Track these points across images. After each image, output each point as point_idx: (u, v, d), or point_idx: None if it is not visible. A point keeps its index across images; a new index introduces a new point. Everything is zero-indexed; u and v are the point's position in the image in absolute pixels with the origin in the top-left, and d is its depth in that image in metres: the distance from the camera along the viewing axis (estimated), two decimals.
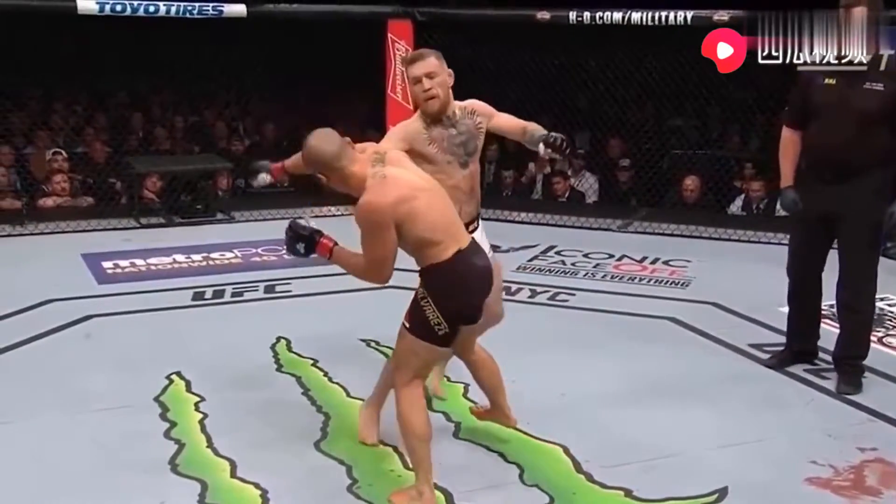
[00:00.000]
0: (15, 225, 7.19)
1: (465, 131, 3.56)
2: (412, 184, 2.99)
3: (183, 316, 5.27)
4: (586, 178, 8.53)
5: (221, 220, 7.73)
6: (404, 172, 3.03)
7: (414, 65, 3.49)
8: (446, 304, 3.01)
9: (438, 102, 3.46)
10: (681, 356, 4.66)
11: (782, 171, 4.32)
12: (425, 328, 3.02)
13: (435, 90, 3.45)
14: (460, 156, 3.55)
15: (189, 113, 10.14)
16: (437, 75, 3.45)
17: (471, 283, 3.06)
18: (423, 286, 3.04)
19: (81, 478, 3.36)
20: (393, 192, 2.90)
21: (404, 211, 2.91)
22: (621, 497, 3.25)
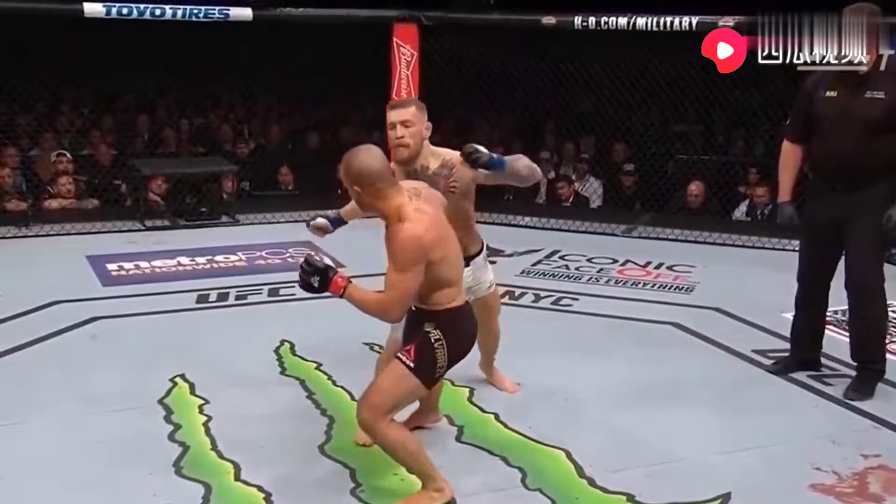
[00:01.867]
0: (20, 226, 7.21)
1: (430, 184, 3.40)
2: (439, 220, 3.02)
3: (187, 318, 5.28)
4: (591, 182, 8.54)
5: (226, 223, 7.74)
6: (437, 211, 3.04)
7: (393, 111, 3.52)
8: (456, 350, 3.03)
9: (406, 152, 3.48)
10: (684, 361, 4.66)
11: (781, 185, 4.34)
12: (430, 370, 3.00)
13: (406, 139, 3.46)
14: None
15: (195, 115, 10.16)
16: (412, 125, 3.46)
17: (473, 333, 3.15)
18: (437, 328, 3.00)
19: (86, 479, 3.37)
20: (434, 229, 2.92)
21: (439, 251, 2.93)
22: (623, 502, 3.26)
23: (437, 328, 2.99)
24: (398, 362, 3.02)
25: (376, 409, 3.01)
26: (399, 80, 7.50)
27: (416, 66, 7.51)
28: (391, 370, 3.07)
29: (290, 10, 7.48)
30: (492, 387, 4.22)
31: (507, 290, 5.83)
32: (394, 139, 3.48)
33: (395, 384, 3.03)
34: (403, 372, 3.00)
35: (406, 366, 3.00)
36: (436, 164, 3.54)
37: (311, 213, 4.11)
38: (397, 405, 3.07)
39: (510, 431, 3.79)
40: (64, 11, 7.18)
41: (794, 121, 4.31)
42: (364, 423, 3.07)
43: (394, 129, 3.47)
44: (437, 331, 2.99)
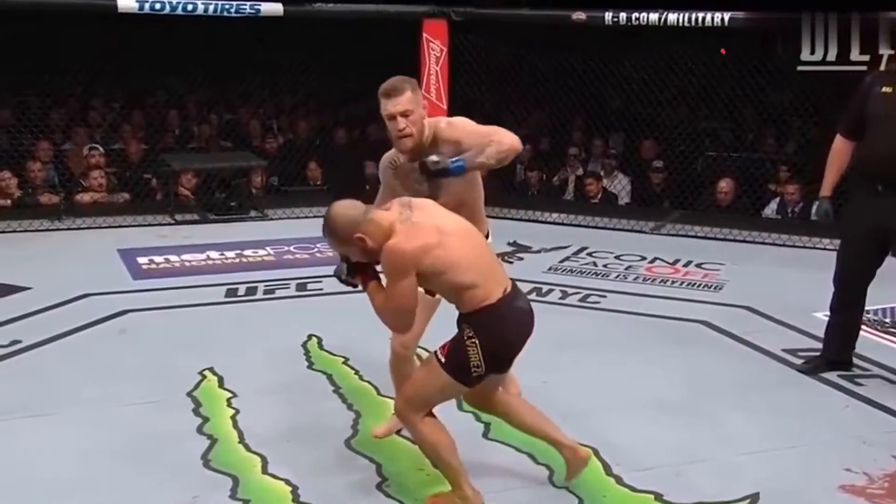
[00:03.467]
0: (53, 220, 7.30)
1: None
2: (441, 228, 2.90)
3: (216, 312, 5.32)
4: (619, 179, 8.49)
5: (255, 218, 7.79)
6: (432, 218, 2.93)
7: (388, 99, 3.26)
8: (491, 348, 2.93)
9: (412, 142, 3.28)
10: (713, 360, 4.63)
11: (825, 179, 4.25)
12: (463, 368, 2.93)
13: (409, 129, 3.26)
14: (420, 192, 3.31)
15: (224, 111, 10.21)
16: (411, 113, 3.25)
17: (517, 328, 3.00)
18: (470, 327, 2.93)
19: (114, 471, 3.40)
20: (420, 238, 2.83)
21: (429, 262, 2.83)
22: (651, 501, 3.24)
23: (469, 327, 2.93)
24: (433, 358, 3.00)
25: (409, 401, 3.03)
26: (428, 75, 7.50)
27: (446, 61, 7.51)
28: (426, 364, 3.06)
29: (320, 6, 7.50)
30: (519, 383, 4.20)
31: (534, 286, 5.82)
32: (395, 132, 3.28)
33: (427, 379, 3.02)
34: (435, 367, 2.97)
35: (438, 361, 2.97)
36: (440, 141, 3.33)
37: None
38: (430, 400, 3.02)
39: None
40: (98, 7, 7.25)
41: (849, 116, 4.22)
42: (398, 413, 3.12)
43: (394, 121, 3.26)
44: (468, 329, 2.93)
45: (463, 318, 2.96)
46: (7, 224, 7.09)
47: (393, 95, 3.26)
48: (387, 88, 3.28)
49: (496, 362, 2.98)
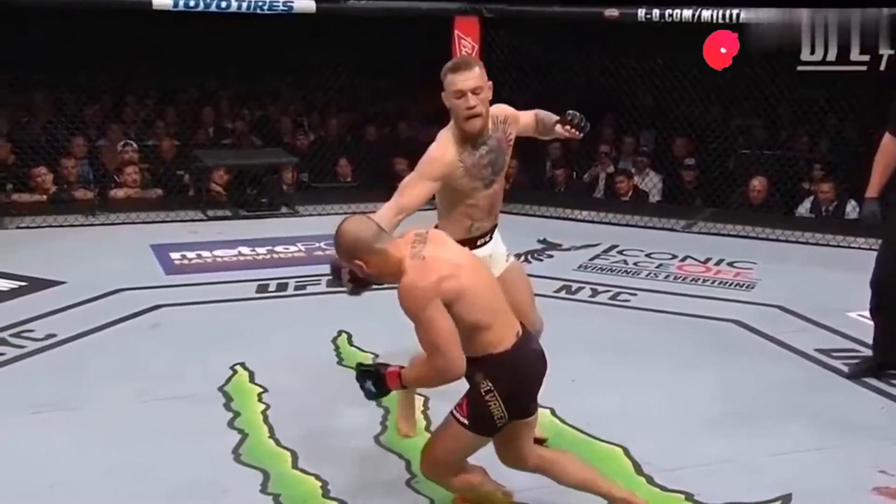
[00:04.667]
0: (87, 215, 7.39)
1: (494, 148, 3.25)
2: (453, 261, 2.74)
3: (247, 308, 5.36)
4: (650, 176, 8.44)
5: (286, 214, 7.83)
6: (444, 251, 2.78)
7: (458, 74, 3.08)
8: (511, 396, 2.76)
9: (481, 122, 3.12)
10: (745, 360, 4.59)
11: (872, 180, 4.15)
12: (489, 423, 2.77)
13: (479, 108, 3.09)
14: (486, 177, 3.25)
15: (256, 108, 10.28)
16: (482, 90, 3.09)
17: (533, 372, 2.85)
18: (485, 377, 2.74)
19: (146, 465, 3.43)
20: (434, 272, 2.66)
21: (450, 288, 2.66)
22: (682, 501, 3.22)
23: (487, 378, 2.74)
24: (453, 420, 2.81)
25: (439, 467, 2.88)
26: None
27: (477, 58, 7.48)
28: (447, 428, 2.85)
29: (352, 3, 7.51)
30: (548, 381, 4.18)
31: (563, 284, 5.81)
32: (465, 110, 3.07)
33: (452, 443, 2.83)
34: (458, 430, 2.80)
35: (461, 423, 2.79)
36: (491, 122, 3.24)
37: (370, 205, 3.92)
38: (460, 459, 2.87)
39: (567, 427, 3.76)
40: (133, 4, 7.32)
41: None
42: (427, 477, 2.95)
43: (464, 98, 3.07)
44: (486, 381, 2.74)
45: (476, 366, 2.74)
46: (42, 219, 7.17)
47: (464, 69, 3.09)
48: (456, 64, 3.12)
49: (518, 408, 2.81)
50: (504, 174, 3.34)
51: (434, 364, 2.68)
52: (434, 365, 2.68)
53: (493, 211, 3.36)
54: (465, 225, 3.29)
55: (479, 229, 3.33)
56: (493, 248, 3.41)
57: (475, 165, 3.20)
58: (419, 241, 2.75)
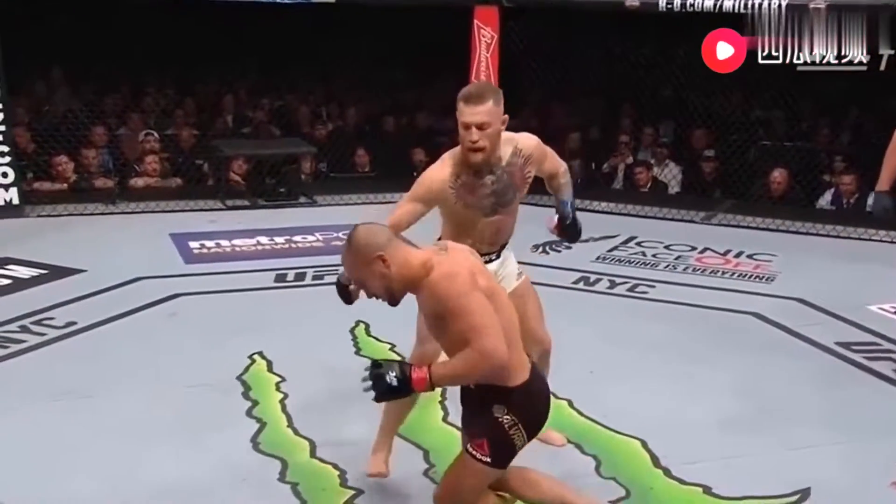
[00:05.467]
0: (107, 204, 7.43)
1: (504, 180, 3.11)
2: (474, 267, 2.52)
3: (266, 297, 5.38)
4: (670, 168, 8.39)
5: (304, 204, 7.84)
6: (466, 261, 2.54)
7: (468, 106, 2.97)
8: (532, 426, 2.61)
9: (482, 156, 3.01)
10: (764, 353, 4.56)
11: (882, 173, 4.13)
12: (510, 455, 2.60)
13: (482, 143, 2.98)
14: (486, 207, 3.11)
15: (274, 98, 10.29)
16: (489, 126, 2.96)
17: (546, 400, 2.68)
18: (509, 410, 2.53)
19: (165, 453, 3.46)
20: (467, 264, 2.48)
21: (484, 286, 2.45)
22: (700, 494, 3.21)
23: (510, 412, 2.53)
24: (472, 459, 2.59)
25: (459, 502, 2.70)
26: (478, 62, 7.47)
27: (496, 48, 7.47)
28: (466, 467, 2.62)
29: None
30: (565, 372, 4.18)
31: (581, 275, 5.80)
32: (467, 142, 2.99)
33: (475, 481, 2.64)
34: (480, 468, 2.59)
35: (483, 462, 2.57)
36: (508, 151, 3.12)
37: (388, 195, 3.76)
38: (476, 498, 2.70)
39: (584, 419, 3.76)
40: None
41: None
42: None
43: (468, 131, 2.97)
44: (509, 416, 2.53)
45: (494, 397, 2.52)
46: (63, 207, 7.22)
47: (473, 103, 2.96)
48: (469, 94, 3.00)
49: (532, 436, 2.65)
50: (514, 208, 3.19)
51: (479, 348, 2.35)
52: (479, 349, 2.35)
53: (497, 239, 3.23)
54: (464, 243, 3.07)
55: (483, 249, 3.15)
56: (503, 267, 3.27)
57: (474, 192, 3.07)
58: (442, 248, 2.58)
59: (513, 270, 3.32)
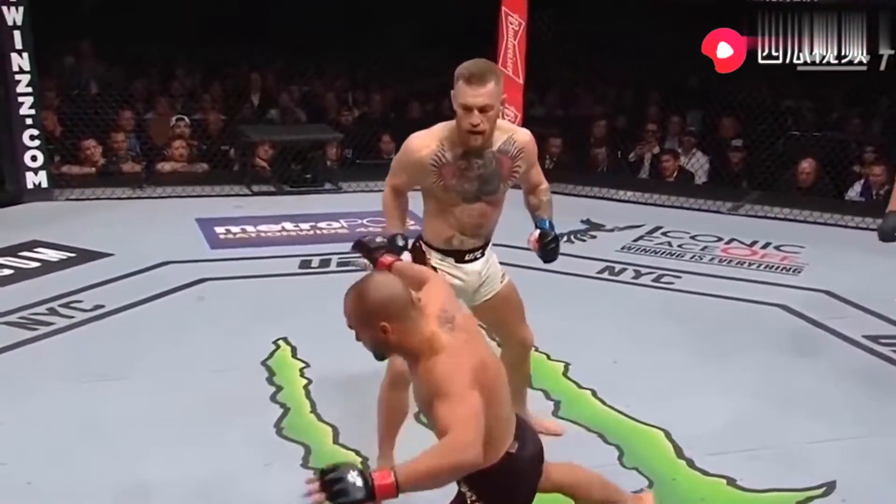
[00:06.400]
0: (135, 188, 7.48)
1: (491, 167, 2.97)
2: (482, 359, 2.28)
3: (290, 283, 5.40)
4: (697, 157, 8.33)
5: (329, 191, 7.86)
6: (475, 345, 2.31)
7: (470, 86, 2.83)
8: None
9: (482, 139, 2.89)
10: (790, 345, 4.52)
11: (894, 193, 4.04)
12: None
13: (482, 126, 2.85)
14: (468, 192, 2.97)
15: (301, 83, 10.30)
16: (491, 108, 2.85)
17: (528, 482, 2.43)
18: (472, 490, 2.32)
19: (189, 436, 3.49)
20: (472, 355, 2.24)
21: (484, 381, 2.20)
22: (723, 486, 3.20)
23: (473, 490, 2.32)
24: None
25: None
26: (505, 50, 7.44)
27: (524, 36, 7.43)
28: None
29: None
30: (589, 362, 4.18)
31: (606, 265, 5.78)
32: (468, 125, 2.85)
33: None
34: None
35: None
36: (501, 139, 2.99)
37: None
38: None
39: (607, 408, 3.75)
40: None
41: None
42: None
43: (469, 114, 2.84)
44: (471, 492, 2.33)
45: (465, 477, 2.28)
46: (91, 191, 7.28)
47: (476, 83, 2.82)
48: (471, 73, 2.84)
49: None
50: (498, 199, 3.04)
51: (453, 446, 2.07)
52: (453, 448, 2.07)
53: (480, 231, 3.07)
54: (445, 235, 3.05)
55: (464, 244, 3.06)
56: (487, 268, 3.15)
57: (457, 175, 2.94)
58: (447, 320, 2.30)
59: (497, 271, 3.20)
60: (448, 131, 2.97)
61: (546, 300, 5.12)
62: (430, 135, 3.00)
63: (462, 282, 3.08)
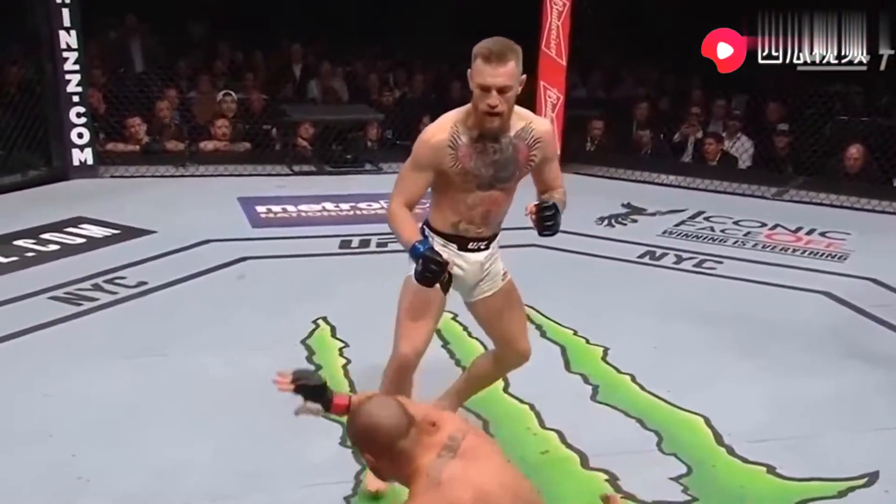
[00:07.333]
0: (178, 166, 7.56)
1: (508, 153, 2.85)
2: (480, 486, 2.12)
3: (330, 263, 5.43)
4: (741, 141, 8.21)
5: (369, 171, 7.88)
6: (474, 470, 2.15)
7: (489, 65, 2.69)
8: None
9: (499, 121, 2.77)
10: (834, 333, 4.46)
11: None
12: None
13: (501, 108, 2.73)
14: (483, 178, 2.85)
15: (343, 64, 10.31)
16: (510, 89, 2.72)
17: None
18: None
19: (229, 413, 3.52)
20: (468, 487, 2.10)
21: None
22: (763, 474, 3.16)
23: None
24: None
25: None
26: (549, 30, 7.38)
27: (568, 16, 7.37)
28: None
29: None
30: (628, 347, 4.15)
31: (647, 250, 5.73)
32: (486, 106, 2.72)
33: None
34: None
35: None
36: (519, 126, 2.86)
37: None
38: None
39: (647, 394, 3.73)
40: None
41: None
42: None
43: (488, 94, 2.71)
44: None
45: None
46: (136, 169, 7.37)
47: (495, 62, 2.69)
48: (490, 51, 2.70)
49: None
50: (511, 188, 2.92)
51: None
52: None
53: (489, 220, 2.95)
54: (450, 220, 2.95)
55: (470, 231, 2.96)
56: (490, 262, 3.05)
57: (472, 157, 2.83)
58: (450, 448, 2.19)
59: (499, 269, 3.10)
60: (462, 115, 2.85)
61: (586, 283, 5.10)
62: (442, 122, 2.88)
63: (462, 271, 3.00)
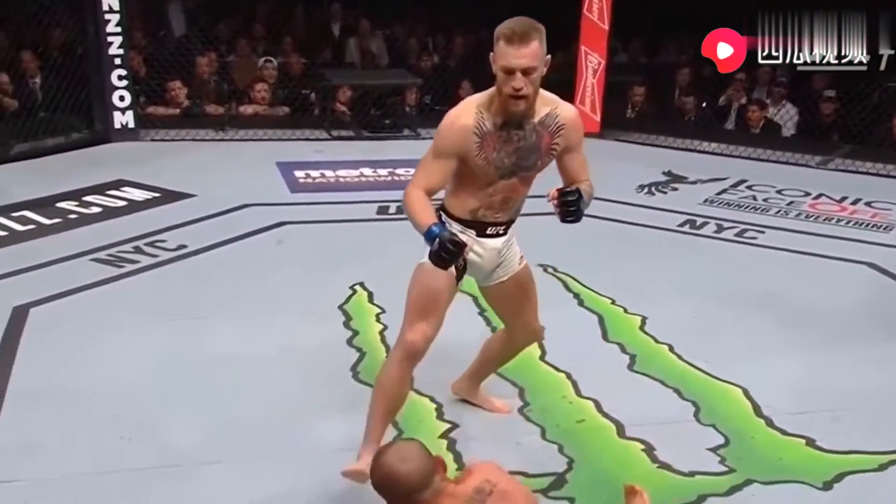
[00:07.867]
0: (217, 130, 7.59)
1: (530, 140, 2.73)
2: None
3: (368, 228, 5.43)
4: (786, 108, 8.05)
5: (408, 137, 7.85)
6: None
7: (512, 46, 2.58)
8: None
9: (525, 104, 2.65)
10: (877, 304, 4.40)
11: None
12: None
13: (526, 90, 2.61)
14: (504, 166, 2.74)
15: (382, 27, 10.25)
16: (534, 71, 2.60)
17: None
18: None
19: (267, 377, 3.54)
20: None
21: None
22: (802, 446, 3.13)
23: None
24: None
25: None
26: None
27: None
28: None
29: None
30: (667, 317, 4.11)
31: (688, 218, 5.67)
32: (510, 89, 2.61)
33: None
34: None
35: None
36: (544, 111, 2.74)
37: None
38: None
39: (685, 364, 3.69)
40: None
41: None
42: None
43: (512, 77, 2.60)
44: None
45: None
46: (176, 132, 7.41)
47: (518, 43, 2.58)
48: (513, 31, 2.60)
49: None
50: (532, 176, 2.82)
51: None
52: None
53: (507, 206, 2.86)
54: (469, 206, 2.85)
55: (487, 217, 2.87)
56: (507, 248, 2.98)
57: (496, 147, 2.72)
58: (477, 500, 2.23)
59: (515, 253, 3.03)
60: (485, 99, 2.74)
61: (625, 252, 5.06)
62: (466, 106, 2.77)
63: (479, 258, 2.96)
